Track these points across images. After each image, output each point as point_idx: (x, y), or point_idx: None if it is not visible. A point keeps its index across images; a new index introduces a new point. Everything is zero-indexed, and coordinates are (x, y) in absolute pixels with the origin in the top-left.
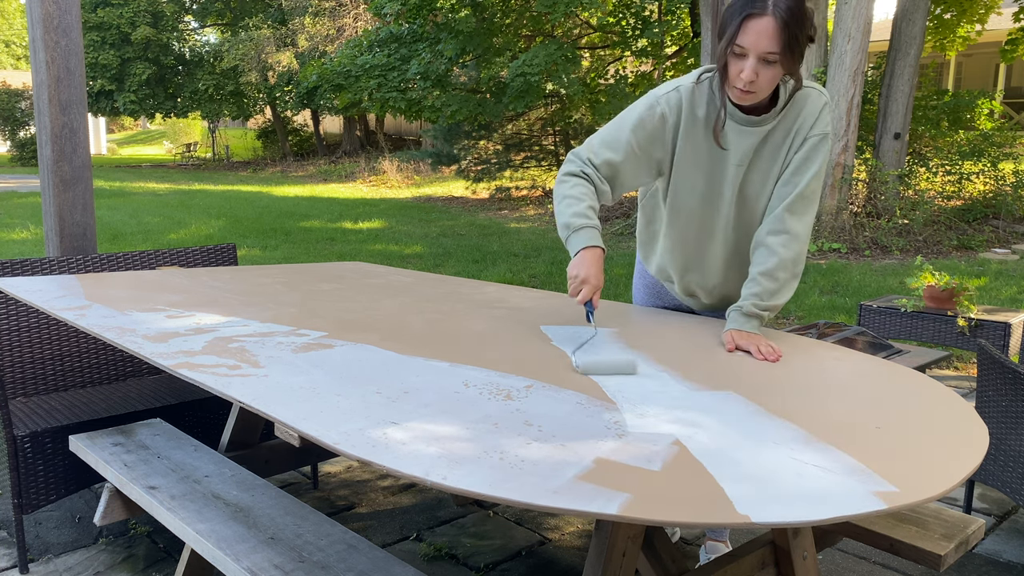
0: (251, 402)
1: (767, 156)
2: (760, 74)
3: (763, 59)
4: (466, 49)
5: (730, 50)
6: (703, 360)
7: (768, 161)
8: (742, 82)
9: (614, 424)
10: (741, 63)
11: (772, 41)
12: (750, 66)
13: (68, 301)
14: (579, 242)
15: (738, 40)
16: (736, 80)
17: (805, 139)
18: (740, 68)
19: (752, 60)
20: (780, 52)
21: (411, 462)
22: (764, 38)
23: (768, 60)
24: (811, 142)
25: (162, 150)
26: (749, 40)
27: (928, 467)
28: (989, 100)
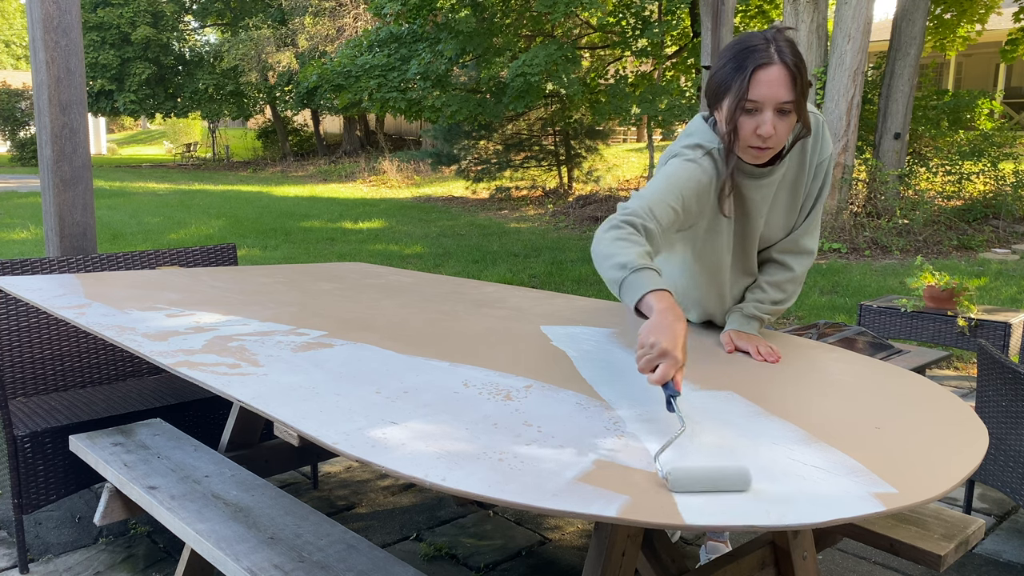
0: (251, 401)
1: (785, 196)
2: (777, 127)
3: (779, 110)
4: (466, 49)
5: (739, 107)
6: (703, 360)
7: (787, 199)
8: (760, 139)
9: (614, 425)
10: (756, 119)
11: (786, 90)
12: (768, 120)
13: (68, 300)
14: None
15: (750, 96)
16: (752, 139)
17: (818, 166)
18: (756, 124)
19: (769, 113)
20: (795, 100)
21: (410, 463)
22: (778, 87)
23: (784, 110)
24: (823, 166)
25: (162, 150)
26: (762, 93)
27: (927, 468)
28: (989, 100)
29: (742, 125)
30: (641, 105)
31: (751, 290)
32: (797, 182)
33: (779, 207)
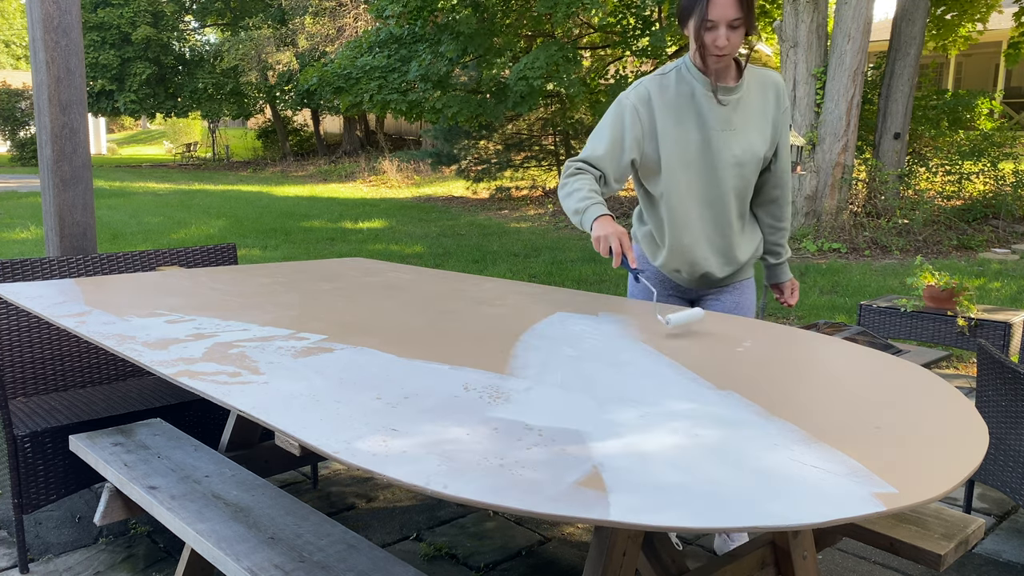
0: (251, 411)
1: (752, 125)
2: (730, 39)
3: (730, 25)
4: (467, 50)
5: (703, 26)
6: (703, 360)
7: (755, 129)
8: (717, 49)
9: (614, 427)
10: (714, 34)
11: (735, 9)
12: (723, 34)
13: (68, 307)
14: (590, 216)
15: (709, 15)
16: (712, 48)
17: (783, 111)
18: (714, 37)
19: (723, 29)
20: (742, 17)
21: (412, 471)
22: (727, 8)
23: (734, 26)
24: (786, 112)
25: (162, 150)
26: (717, 13)
27: (928, 468)
28: (989, 100)
29: (705, 39)
30: None
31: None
32: (763, 111)
33: (745, 133)
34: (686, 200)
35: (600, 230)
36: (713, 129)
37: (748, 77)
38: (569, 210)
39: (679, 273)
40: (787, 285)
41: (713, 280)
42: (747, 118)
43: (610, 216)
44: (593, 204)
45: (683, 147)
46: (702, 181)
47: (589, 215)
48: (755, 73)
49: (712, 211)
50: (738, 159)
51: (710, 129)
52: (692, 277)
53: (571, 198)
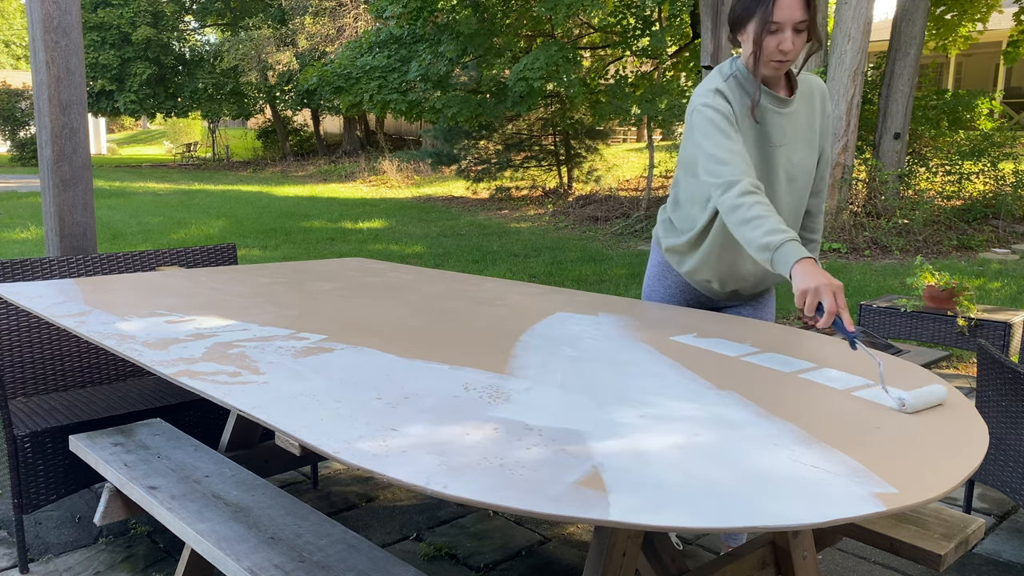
0: (251, 411)
1: (802, 138)
2: (795, 43)
3: (796, 29)
4: (467, 50)
5: (766, 29)
6: (704, 360)
7: (804, 143)
8: (781, 54)
9: (614, 427)
10: (777, 37)
11: (802, 10)
12: (788, 37)
13: (68, 307)
14: (790, 257)
15: (774, 17)
16: (775, 54)
17: (827, 117)
18: (778, 41)
19: (788, 32)
20: (808, 20)
21: (412, 471)
22: (795, 10)
23: (799, 29)
24: (830, 119)
25: (162, 150)
26: (783, 15)
27: (928, 468)
28: (989, 100)
29: (766, 43)
30: (641, 105)
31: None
32: (811, 123)
33: (797, 147)
34: None
35: (810, 280)
36: (772, 144)
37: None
38: (752, 241)
39: (708, 283)
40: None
41: (743, 296)
42: (798, 131)
43: (813, 260)
44: (789, 241)
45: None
46: None
47: (787, 255)
48: (800, 80)
49: None
50: (790, 175)
51: (768, 144)
52: (722, 290)
53: (756, 227)
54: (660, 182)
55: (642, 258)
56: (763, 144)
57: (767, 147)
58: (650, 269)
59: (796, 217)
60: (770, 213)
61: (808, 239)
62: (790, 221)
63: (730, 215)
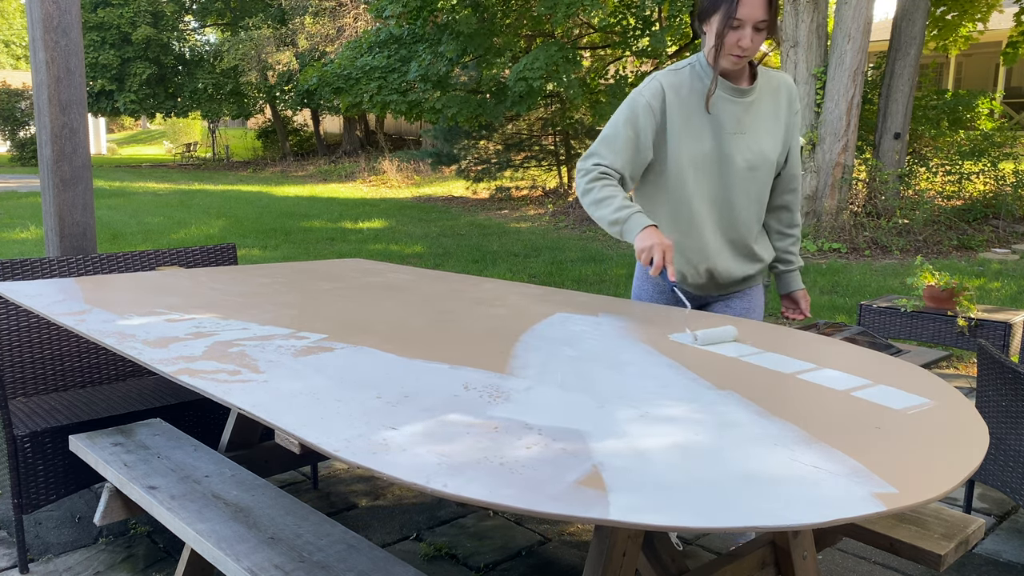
0: (251, 409)
1: (763, 128)
2: (754, 40)
3: (756, 27)
4: (467, 50)
5: (729, 24)
6: (704, 360)
7: (766, 133)
8: (739, 49)
9: (614, 427)
10: (738, 33)
11: (763, 11)
12: (747, 35)
13: (68, 306)
14: (635, 225)
15: (737, 15)
16: (734, 48)
17: (795, 114)
18: (738, 37)
19: (748, 29)
20: (768, 20)
21: (412, 470)
22: (757, 9)
23: (759, 28)
24: (798, 115)
25: (162, 150)
26: (746, 12)
27: (928, 468)
28: (989, 100)
29: (728, 38)
30: None
31: (785, 242)
32: (775, 114)
33: (757, 136)
34: (695, 201)
35: (646, 240)
36: (725, 132)
37: (760, 79)
38: (603, 218)
39: (683, 276)
40: (799, 295)
41: (723, 282)
42: (759, 121)
43: (654, 226)
44: (635, 213)
45: (693, 148)
46: (712, 184)
47: (633, 225)
48: (766, 75)
49: (724, 213)
50: (750, 163)
51: (722, 131)
52: (698, 280)
53: (604, 206)
54: None
55: None
56: (716, 130)
57: (720, 133)
58: (638, 268)
59: (760, 207)
60: (617, 193)
61: (786, 234)
62: (754, 210)
63: (584, 197)
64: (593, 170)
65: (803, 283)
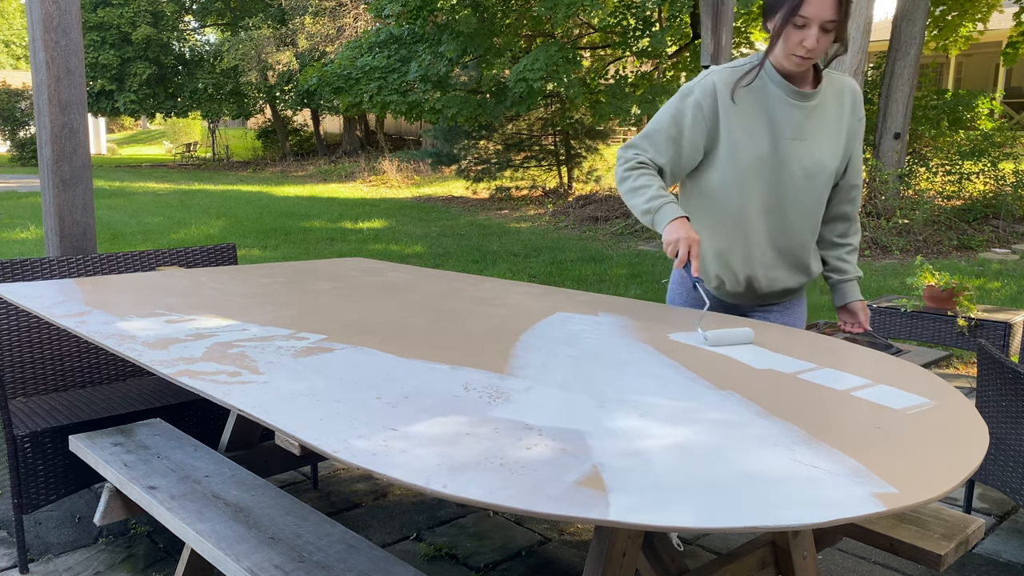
0: (251, 410)
1: (825, 135)
2: (820, 41)
3: (823, 27)
4: (467, 50)
5: (791, 22)
6: (704, 360)
7: (827, 140)
8: (804, 50)
9: (615, 426)
10: (802, 33)
11: (832, 10)
12: (813, 35)
13: (68, 307)
14: (666, 216)
15: (801, 11)
16: (797, 48)
17: (859, 121)
18: (802, 37)
19: (814, 29)
20: (838, 20)
21: (412, 471)
22: (825, 8)
23: (827, 28)
24: (862, 122)
25: (162, 150)
26: (811, 11)
27: (928, 468)
28: (989, 100)
29: (789, 36)
30: (641, 105)
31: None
32: (838, 121)
33: (818, 143)
34: (745, 207)
35: (673, 233)
36: (784, 136)
37: (824, 83)
38: (636, 207)
39: (720, 282)
40: (857, 306)
41: (763, 293)
42: (820, 128)
43: (685, 218)
44: (667, 204)
45: (748, 151)
46: (765, 190)
47: (664, 215)
48: (830, 78)
49: (775, 221)
50: (807, 171)
51: (780, 136)
52: (736, 289)
53: (639, 194)
54: None
55: (642, 258)
56: (774, 134)
57: (778, 138)
58: (674, 272)
59: (815, 218)
60: (652, 182)
61: (840, 244)
62: (808, 221)
63: (620, 185)
64: (632, 159)
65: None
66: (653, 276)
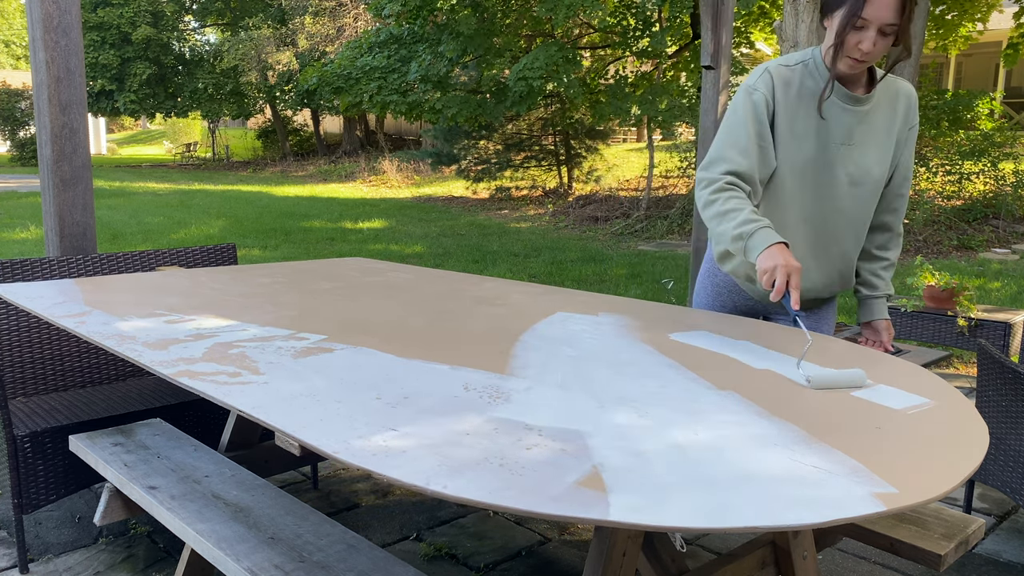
0: (251, 411)
1: (874, 141)
2: (877, 44)
3: (882, 30)
4: (467, 50)
5: (851, 23)
6: (704, 360)
7: (876, 147)
8: (859, 52)
9: (615, 427)
10: (860, 35)
11: (894, 13)
12: (870, 37)
13: (68, 308)
14: (761, 242)
15: (863, 12)
16: (852, 51)
17: (911, 129)
18: (859, 39)
19: (872, 31)
20: (899, 24)
21: (412, 471)
22: (887, 10)
23: (886, 32)
24: (914, 130)
25: (162, 150)
26: (872, 12)
27: (928, 468)
28: (989, 100)
29: (848, 38)
30: (641, 105)
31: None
32: (889, 128)
33: (867, 150)
34: (787, 212)
35: (770, 260)
36: (833, 141)
37: (878, 87)
38: (724, 234)
39: (752, 283)
40: (882, 325)
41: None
42: (870, 134)
43: (784, 244)
44: (761, 228)
45: (795, 154)
46: (809, 196)
47: (758, 241)
48: (886, 82)
49: (817, 229)
50: (852, 178)
51: (829, 140)
52: (761, 294)
53: (728, 219)
54: (660, 182)
55: (642, 258)
56: (823, 138)
57: (827, 142)
58: (703, 265)
59: (860, 227)
60: (744, 206)
61: (877, 256)
62: (851, 230)
63: (705, 210)
64: (719, 180)
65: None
66: (653, 276)
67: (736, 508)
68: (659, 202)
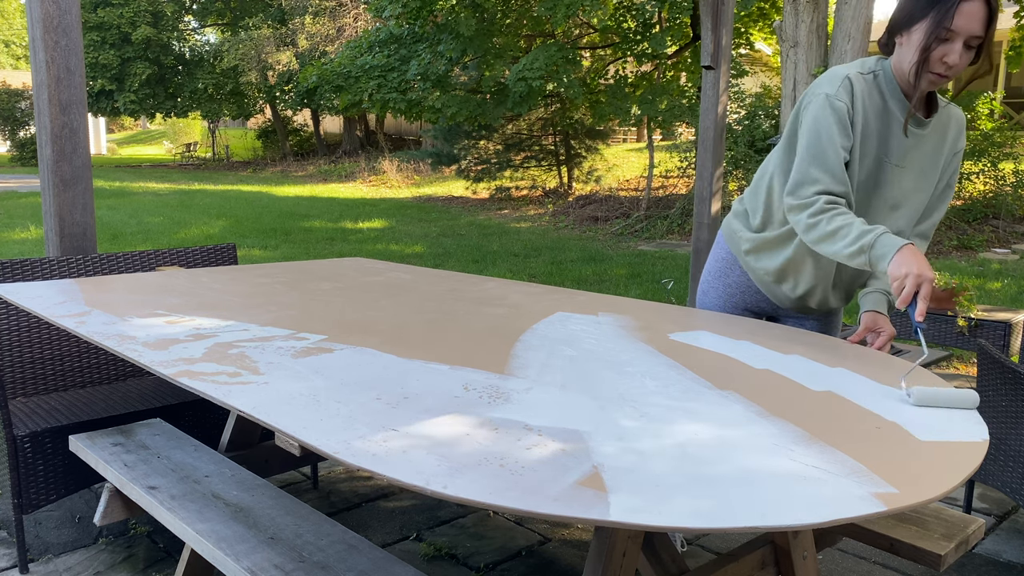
0: (251, 411)
1: (919, 167)
2: (962, 58)
3: (968, 43)
4: (467, 50)
5: (938, 35)
6: (704, 360)
7: (920, 173)
8: (944, 67)
9: (614, 427)
10: (946, 47)
11: (981, 24)
12: (957, 50)
13: (68, 308)
14: (887, 248)
15: (951, 24)
16: (937, 65)
17: (956, 154)
18: (944, 52)
19: (959, 44)
20: (985, 38)
21: (412, 471)
22: (975, 21)
23: (971, 44)
24: (959, 156)
25: (162, 150)
26: (961, 23)
27: (928, 468)
28: (989, 100)
29: (933, 51)
30: (641, 106)
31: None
32: (936, 154)
33: (915, 173)
34: None
35: (903, 267)
36: (889, 161)
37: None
38: (840, 252)
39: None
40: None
41: (810, 307)
42: (920, 159)
43: (911, 246)
44: (880, 235)
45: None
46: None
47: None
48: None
49: None
50: (894, 200)
51: (886, 159)
52: (780, 296)
53: (840, 237)
54: (660, 182)
55: (642, 258)
56: (881, 156)
57: (884, 161)
58: (711, 264)
59: None
60: (852, 220)
61: None
62: None
63: (808, 234)
64: (815, 200)
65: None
66: (653, 276)
67: (736, 508)
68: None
